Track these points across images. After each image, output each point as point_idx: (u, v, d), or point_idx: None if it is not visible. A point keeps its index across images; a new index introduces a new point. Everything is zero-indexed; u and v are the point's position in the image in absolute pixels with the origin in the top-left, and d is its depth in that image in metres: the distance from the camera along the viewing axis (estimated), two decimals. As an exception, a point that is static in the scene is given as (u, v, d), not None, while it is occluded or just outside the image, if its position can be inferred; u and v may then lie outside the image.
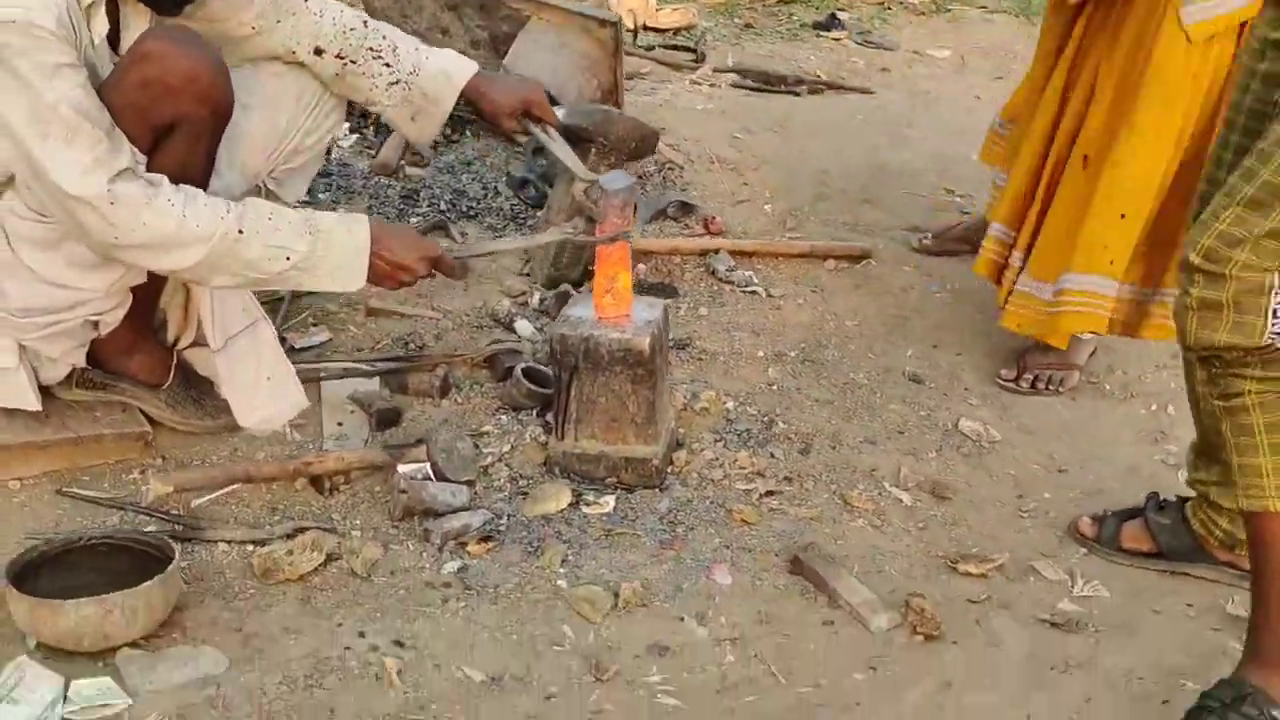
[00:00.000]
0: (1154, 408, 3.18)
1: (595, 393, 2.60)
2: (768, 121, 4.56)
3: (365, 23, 2.74)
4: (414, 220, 3.56)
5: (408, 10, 4.39)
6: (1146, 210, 2.97)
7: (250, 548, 2.36)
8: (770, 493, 2.64)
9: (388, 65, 2.69)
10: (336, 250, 2.35)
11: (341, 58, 2.68)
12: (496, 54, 4.22)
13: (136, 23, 2.44)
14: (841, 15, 6.22)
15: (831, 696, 2.10)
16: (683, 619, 2.26)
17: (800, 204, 4.03)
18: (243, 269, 2.29)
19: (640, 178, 3.93)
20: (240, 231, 2.25)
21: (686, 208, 3.82)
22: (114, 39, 2.40)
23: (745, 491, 2.64)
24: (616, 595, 2.30)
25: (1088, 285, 3.00)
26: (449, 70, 2.74)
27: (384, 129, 4.04)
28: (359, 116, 4.14)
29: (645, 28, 5.74)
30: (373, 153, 3.96)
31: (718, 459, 2.73)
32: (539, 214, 3.57)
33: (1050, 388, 3.18)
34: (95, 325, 2.50)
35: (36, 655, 2.04)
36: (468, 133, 4.14)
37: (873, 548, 2.52)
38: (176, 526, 2.40)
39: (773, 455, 2.77)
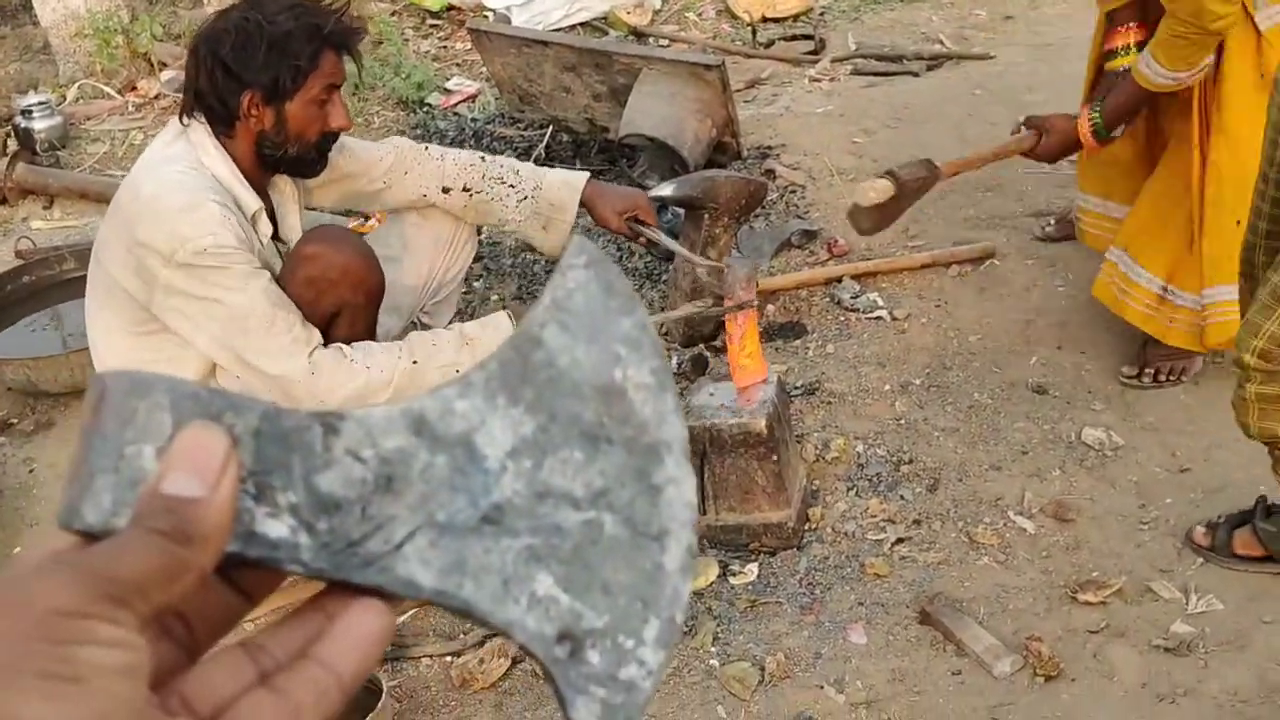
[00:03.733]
0: (1281, 382, 3.25)
1: (725, 472, 2.89)
2: (886, 115, 4.70)
3: (483, 158, 3.09)
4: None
5: (531, 75, 4.70)
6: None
7: (449, 659, 2.75)
8: (900, 540, 2.88)
9: (512, 186, 3.04)
10: (490, 348, 2.72)
11: (467, 190, 3.03)
12: (618, 104, 4.49)
13: (288, 207, 2.84)
14: (960, -38, 6.21)
15: (955, 754, 2.36)
16: (822, 687, 2.55)
17: (922, 204, 4.14)
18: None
19: (763, 207, 4.15)
20: (415, 362, 2.64)
21: (809, 234, 4.03)
22: (273, 227, 2.80)
23: (876, 542, 2.89)
24: (763, 669, 2.60)
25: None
26: (569, 179, 3.07)
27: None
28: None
29: (765, 19, 5.89)
30: (517, 225, 4.29)
31: (850, 510, 2.98)
32: (669, 267, 3.84)
33: (1173, 378, 3.29)
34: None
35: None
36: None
37: (997, 586, 2.74)
38: (387, 647, 2.81)
39: (902, 497, 3.01)
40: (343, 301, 2.67)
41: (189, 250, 2.49)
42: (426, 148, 3.04)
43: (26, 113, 5.02)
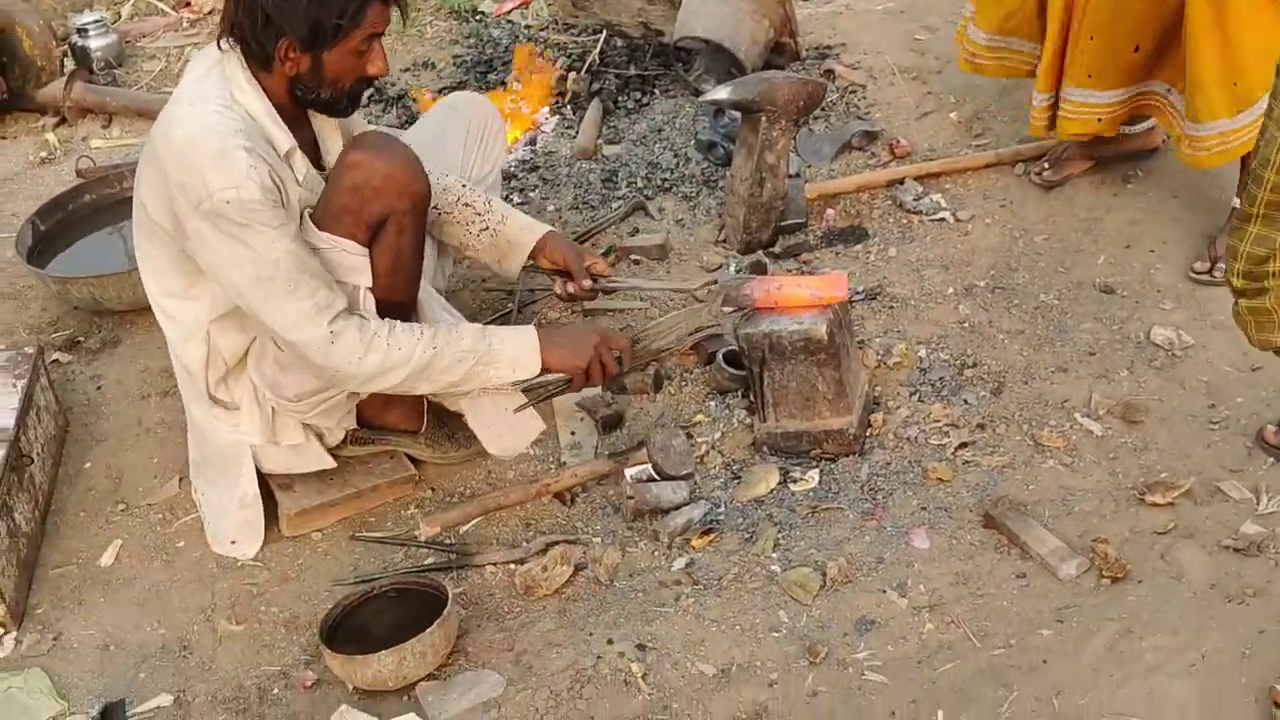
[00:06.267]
0: (1359, 277, 3.15)
1: (785, 379, 2.86)
2: (949, 11, 4.55)
3: (464, 185, 3.10)
4: (615, 204, 3.84)
5: (583, -21, 4.61)
6: None
7: (513, 567, 2.77)
8: (964, 444, 2.85)
9: (479, 214, 3.07)
10: (509, 345, 2.74)
11: (436, 208, 3.01)
12: (672, 6, 4.40)
13: (328, 133, 2.82)
14: None
15: (1020, 657, 2.34)
16: (885, 591, 2.54)
17: (986, 103, 4.06)
18: (439, 375, 2.69)
19: (823, 109, 4.07)
20: (434, 348, 2.64)
21: (870, 136, 3.95)
22: (314, 155, 2.78)
23: (939, 447, 2.86)
24: (824, 574, 2.59)
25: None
26: (531, 224, 3.11)
27: (580, 108, 4.33)
28: (556, 95, 4.44)
29: (822, -85, 5.73)
30: (572, 133, 4.25)
31: (912, 415, 2.95)
32: (725, 174, 3.78)
33: (1246, 274, 3.20)
34: (356, 392, 2.93)
35: (354, 698, 2.52)
36: (655, 92, 4.37)
37: (1063, 489, 2.71)
38: (451, 556, 2.84)
39: (966, 401, 2.97)
40: (389, 208, 2.66)
41: (215, 201, 2.49)
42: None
43: (82, 31, 5.02)
